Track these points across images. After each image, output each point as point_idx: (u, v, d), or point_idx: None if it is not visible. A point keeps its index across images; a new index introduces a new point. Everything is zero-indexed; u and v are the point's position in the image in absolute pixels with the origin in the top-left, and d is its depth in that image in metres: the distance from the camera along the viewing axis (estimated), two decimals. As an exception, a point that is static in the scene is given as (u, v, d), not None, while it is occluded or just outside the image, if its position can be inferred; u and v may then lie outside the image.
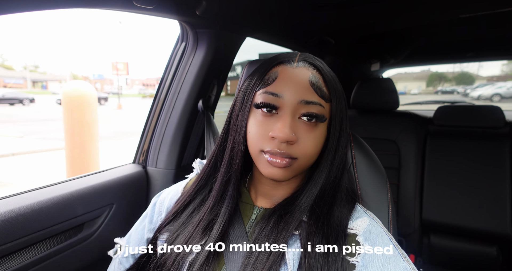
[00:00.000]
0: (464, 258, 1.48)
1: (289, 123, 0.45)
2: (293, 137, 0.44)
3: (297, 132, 0.45)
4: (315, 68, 0.49)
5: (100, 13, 30.80)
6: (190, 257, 0.49)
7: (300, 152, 0.46)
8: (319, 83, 0.47)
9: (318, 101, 0.46)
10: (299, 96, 0.46)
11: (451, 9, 1.16)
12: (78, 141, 3.05)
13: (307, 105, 0.46)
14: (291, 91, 0.46)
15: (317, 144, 0.47)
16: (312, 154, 0.47)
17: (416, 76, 22.88)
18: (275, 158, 0.45)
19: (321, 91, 0.47)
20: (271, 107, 0.47)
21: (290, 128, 0.44)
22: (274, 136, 0.45)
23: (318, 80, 0.47)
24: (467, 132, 1.56)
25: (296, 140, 0.45)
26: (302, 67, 0.49)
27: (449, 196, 1.51)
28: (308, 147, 0.46)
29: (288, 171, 0.46)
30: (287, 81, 0.47)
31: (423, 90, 22.45)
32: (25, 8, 0.56)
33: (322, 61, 0.52)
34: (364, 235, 0.47)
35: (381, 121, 1.69)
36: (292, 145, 0.45)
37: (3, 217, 0.69)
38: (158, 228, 0.58)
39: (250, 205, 0.56)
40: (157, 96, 1.14)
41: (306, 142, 0.46)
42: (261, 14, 1.02)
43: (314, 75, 0.48)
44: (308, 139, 0.46)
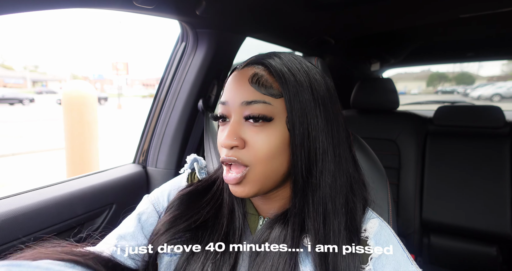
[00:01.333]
0: (464, 258, 1.48)
1: (233, 129, 0.43)
2: (234, 142, 0.42)
3: (245, 136, 0.43)
4: (262, 65, 0.46)
5: (100, 13, 30.89)
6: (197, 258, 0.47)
7: (249, 156, 0.43)
8: (263, 80, 0.44)
9: (261, 99, 0.43)
10: (239, 98, 0.44)
11: (451, 9, 1.16)
12: (78, 141, 3.03)
13: (248, 106, 0.43)
14: (233, 95, 0.44)
15: (270, 145, 0.43)
16: (267, 157, 0.43)
17: (416, 76, 22.81)
18: (227, 172, 0.44)
19: (265, 87, 0.43)
20: (223, 117, 0.46)
21: (233, 133, 0.43)
22: (220, 144, 0.44)
23: (261, 77, 0.44)
24: (467, 132, 1.56)
25: (243, 143, 0.43)
26: (246, 68, 0.46)
27: (449, 196, 1.51)
28: (258, 149, 0.43)
29: (247, 184, 0.44)
30: (230, 86, 0.46)
31: (423, 90, 22.40)
32: (25, 8, 0.56)
33: (279, 55, 0.47)
34: (375, 238, 0.46)
35: (381, 121, 1.69)
36: (241, 149, 0.43)
37: (3, 217, 0.69)
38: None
39: (255, 215, 0.53)
40: (157, 96, 1.14)
41: (255, 144, 0.43)
42: (261, 14, 1.02)
43: (257, 72, 0.45)
44: (257, 141, 0.43)
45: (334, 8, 1.05)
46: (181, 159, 1.12)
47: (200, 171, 0.61)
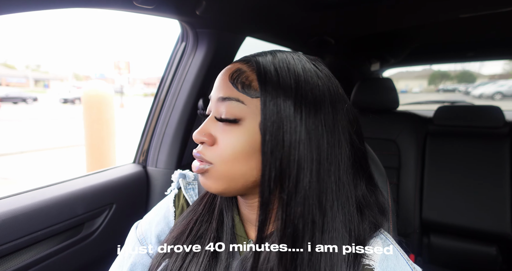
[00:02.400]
0: (464, 258, 1.48)
1: (205, 125, 0.42)
2: (202, 138, 0.41)
3: (215, 133, 0.42)
4: (248, 62, 0.43)
5: (100, 13, 30.84)
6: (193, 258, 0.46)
7: (214, 155, 0.41)
8: (243, 76, 0.41)
9: (235, 97, 0.40)
10: (217, 93, 0.42)
11: (451, 9, 1.16)
12: (97, 137, 3.20)
13: (222, 102, 0.41)
14: (214, 90, 0.44)
15: (235, 146, 0.39)
16: (230, 158, 0.40)
17: (417, 74, 22.57)
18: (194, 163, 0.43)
19: (243, 85, 0.40)
20: (208, 114, 0.45)
21: (204, 128, 0.42)
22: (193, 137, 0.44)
23: (241, 74, 0.41)
24: (467, 132, 1.56)
25: (212, 140, 0.41)
26: (234, 64, 0.44)
27: (449, 196, 1.51)
28: (222, 149, 0.40)
29: (211, 179, 0.42)
30: (217, 81, 0.44)
31: (424, 89, 22.09)
32: (25, 8, 0.56)
33: (275, 53, 0.43)
34: (381, 266, 0.39)
35: (381, 121, 1.69)
36: (209, 147, 0.42)
37: (4, 216, 0.69)
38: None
39: (243, 238, 0.48)
40: (157, 96, 1.14)
41: (221, 143, 0.41)
42: (261, 14, 1.02)
43: (240, 68, 0.42)
44: (223, 141, 0.41)
45: (334, 8, 1.05)
46: (181, 159, 1.13)
47: (186, 187, 0.57)
